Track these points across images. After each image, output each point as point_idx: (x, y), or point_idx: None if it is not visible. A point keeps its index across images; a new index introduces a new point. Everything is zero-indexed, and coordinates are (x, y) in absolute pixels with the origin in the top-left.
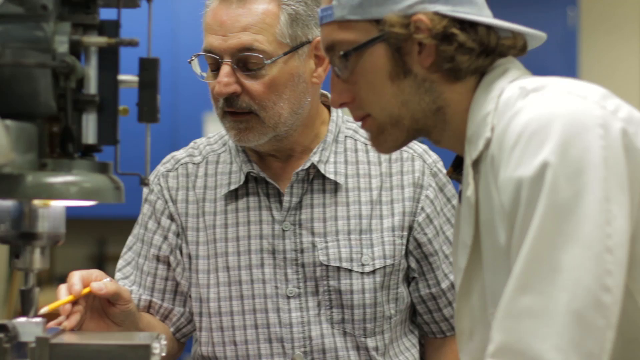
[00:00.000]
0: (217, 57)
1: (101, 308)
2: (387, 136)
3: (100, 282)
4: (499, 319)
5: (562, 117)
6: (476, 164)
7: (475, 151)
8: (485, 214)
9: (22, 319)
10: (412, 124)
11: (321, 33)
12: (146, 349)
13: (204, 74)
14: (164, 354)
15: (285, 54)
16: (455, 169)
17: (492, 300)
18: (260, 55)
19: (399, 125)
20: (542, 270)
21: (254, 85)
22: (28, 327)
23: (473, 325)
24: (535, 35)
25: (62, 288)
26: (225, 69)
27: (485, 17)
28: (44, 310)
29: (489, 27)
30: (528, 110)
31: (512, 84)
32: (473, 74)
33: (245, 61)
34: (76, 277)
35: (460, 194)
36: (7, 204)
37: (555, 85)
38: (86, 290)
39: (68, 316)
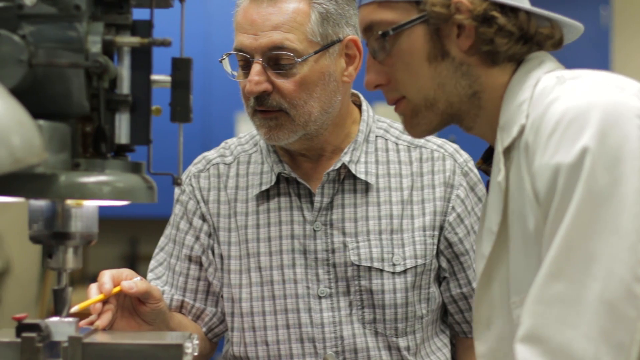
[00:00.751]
0: (248, 56)
1: (132, 307)
2: (420, 119)
3: (130, 281)
4: (530, 304)
5: (600, 106)
6: (508, 151)
7: (508, 138)
8: (515, 201)
9: (54, 319)
10: (446, 107)
11: (359, 14)
12: (178, 349)
13: (235, 73)
14: (196, 354)
15: (316, 52)
16: (485, 160)
17: (516, 289)
18: (291, 54)
19: (433, 108)
20: (576, 257)
21: (284, 83)
22: (61, 327)
23: (491, 314)
24: (573, 27)
25: (93, 287)
26: (256, 67)
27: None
28: (74, 309)
29: (528, 14)
30: (566, 98)
31: (549, 74)
32: (510, 61)
33: (276, 60)
34: (107, 276)
35: (488, 182)
36: (40, 203)
37: (592, 76)
38: (117, 289)
39: (99, 315)
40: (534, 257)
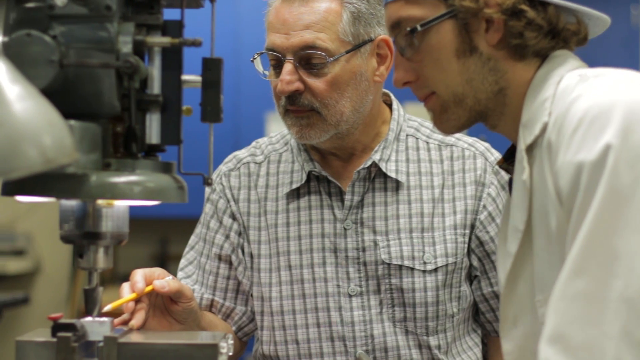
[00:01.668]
0: (280, 56)
1: (164, 306)
2: (450, 115)
3: (162, 280)
4: (554, 301)
5: (623, 104)
6: (530, 149)
7: (530, 136)
8: (539, 199)
9: (89, 318)
10: (474, 104)
11: (387, 11)
12: (214, 349)
13: (267, 73)
14: (230, 354)
15: (347, 52)
16: (506, 159)
17: (541, 287)
18: (323, 53)
19: (462, 104)
20: (598, 255)
21: (316, 83)
22: (95, 327)
23: (518, 312)
24: (599, 20)
25: (125, 286)
26: (287, 67)
27: None
28: (107, 308)
29: (557, 8)
30: (589, 96)
31: (571, 72)
32: (536, 56)
33: (307, 59)
34: (139, 275)
35: (510, 180)
36: (71, 203)
37: (614, 74)
38: (149, 288)
39: (132, 314)
40: (557, 255)
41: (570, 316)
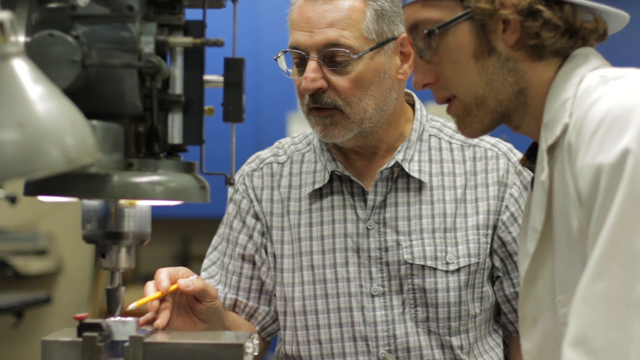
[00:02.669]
0: (303, 53)
1: (188, 305)
2: (473, 118)
3: (187, 279)
4: (576, 304)
5: None
6: (551, 149)
7: (551, 136)
8: (559, 200)
9: (115, 318)
10: (496, 105)
11: (404, 13)
12: (239, 348)
13: (290, 71)
14: (256, 354)
15: (371, 49)
16: (529, 157)
17: (561, 287)
18: (347, 51)
19: (483, 106)
20: (619, 257)
21: (339, 80)
22: (121, 326)
23: (537, 312)
24: (618, 17)
25: (150, 285)
26: (311, 64)
27: None
28: (132, 306)
29: (573, 7)
30: (609, 98)
31: (593, 72)
32: (555, 56)
33: (331, 57)
34: (164, 274)
35: (532, 180)
36: (94, 203)
37: (635, 75)
38: (173, 287)
39: (157, 313)
40: (578, 256)
41: (593, 319)
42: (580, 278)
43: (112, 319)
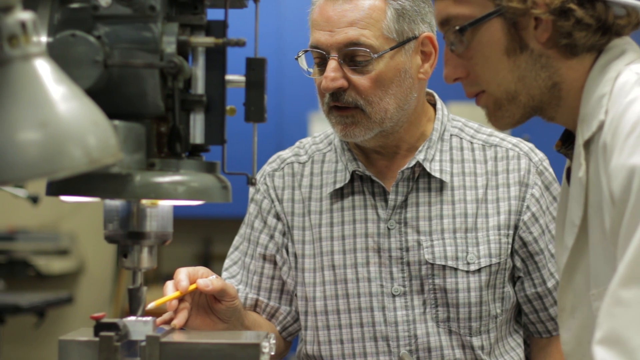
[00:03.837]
0: (324, 53)
1: (207, 305)
2: (504, 112)
3: (206, 279)
4: (606, 305)
5: None
6: (587, 144)
7: (588, 132)
8: (595, 196)
9: (132, 318)
10: (528, 100)
11: (435, 8)
12: (256, 348)
13: (310, 70)
14: (272, 353)
15: (391, 48)
16: (564, 142)
17: (595, 281)
18: (367, 50)
19: (515, 101)
20: None
21: (360, 80)
22: (138, 326)
23: (575, 303)
24: None
25: (169, 284)
26: (332, 64)
27: None
28: (151, 305)
29: (605, 4)
30: None
31: (629, 68)
32: (589, 51)
33: (351, 56)
34: (183, 274)
35: (568, 171)
36: (116, 203)
37: None
38: (193, 286)
39: (175, 313)
40: (610, 252)
41: (625, 321)
42: (612, 278)
43: (128, 318)
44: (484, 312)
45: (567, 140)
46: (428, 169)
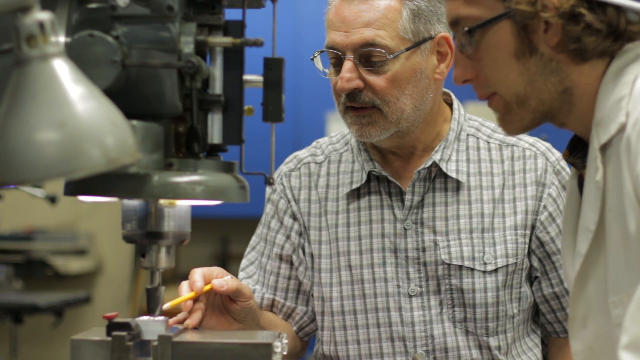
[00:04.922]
0: (340, 53)
1: (222, 305)
2: (513, 116)
3: (221, 279)
4: (633, 311)
5: None
6: (604, 148)
7: (605, 135)
8: (613, 200)
9: (144, 317)
10: (538, 105)
11: (446, 8)
12: (268, 348)
13: (327, 71)
14: (285, 353)
15: (407, 49)
16: (571, 151)
17: (614, 288)
18: (383, 51)
19: (524, 105)
20: None
21: (376, 80)
22: (150, 325)
23: (587, 312)
24: None
25: (184, 285)
26: (347, 64)
27: None
28: (166, 306)
29: (618, 9)
30: None
31: None
32: (600, 56)
33: (367, 56)
34: (198, 274)
35: (580, 177)
36: (134, 203)
37: None
38: (207, 287)
39: (190, 313)
40: (634, 257)
41: None
42: (636, 283)
43: (141, 318)
44: (501, 312)
45: (575, 149)
46: (444, 169)
